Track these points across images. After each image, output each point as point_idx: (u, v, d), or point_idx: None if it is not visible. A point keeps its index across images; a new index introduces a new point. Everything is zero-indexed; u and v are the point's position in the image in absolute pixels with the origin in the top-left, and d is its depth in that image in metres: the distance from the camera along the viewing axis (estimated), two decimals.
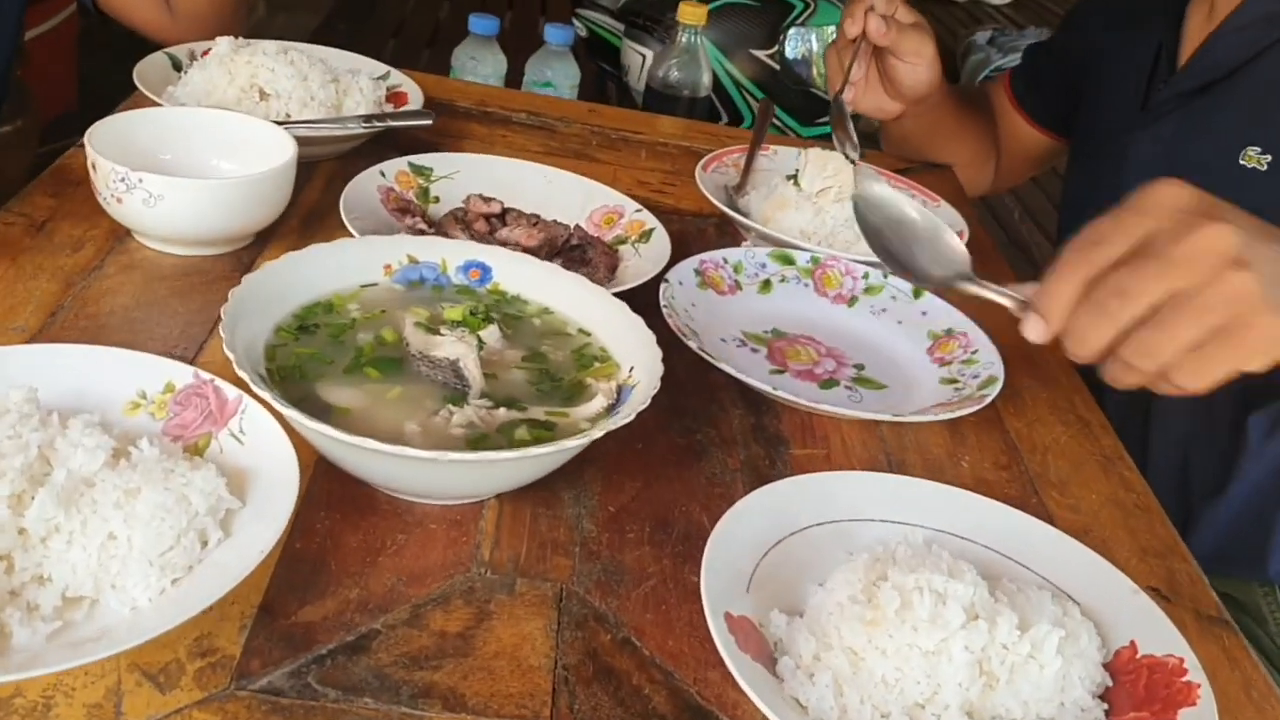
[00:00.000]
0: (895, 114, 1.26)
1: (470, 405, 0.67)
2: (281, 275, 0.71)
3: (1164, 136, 1.10)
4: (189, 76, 1.05)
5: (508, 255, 0.79)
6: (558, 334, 0.76)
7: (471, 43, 1.52)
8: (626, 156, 1.23)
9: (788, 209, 1.03)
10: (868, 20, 1.14)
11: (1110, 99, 1.21)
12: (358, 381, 0.68)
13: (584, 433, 0.62)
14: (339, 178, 1.04)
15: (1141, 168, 1.12)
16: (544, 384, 0.71)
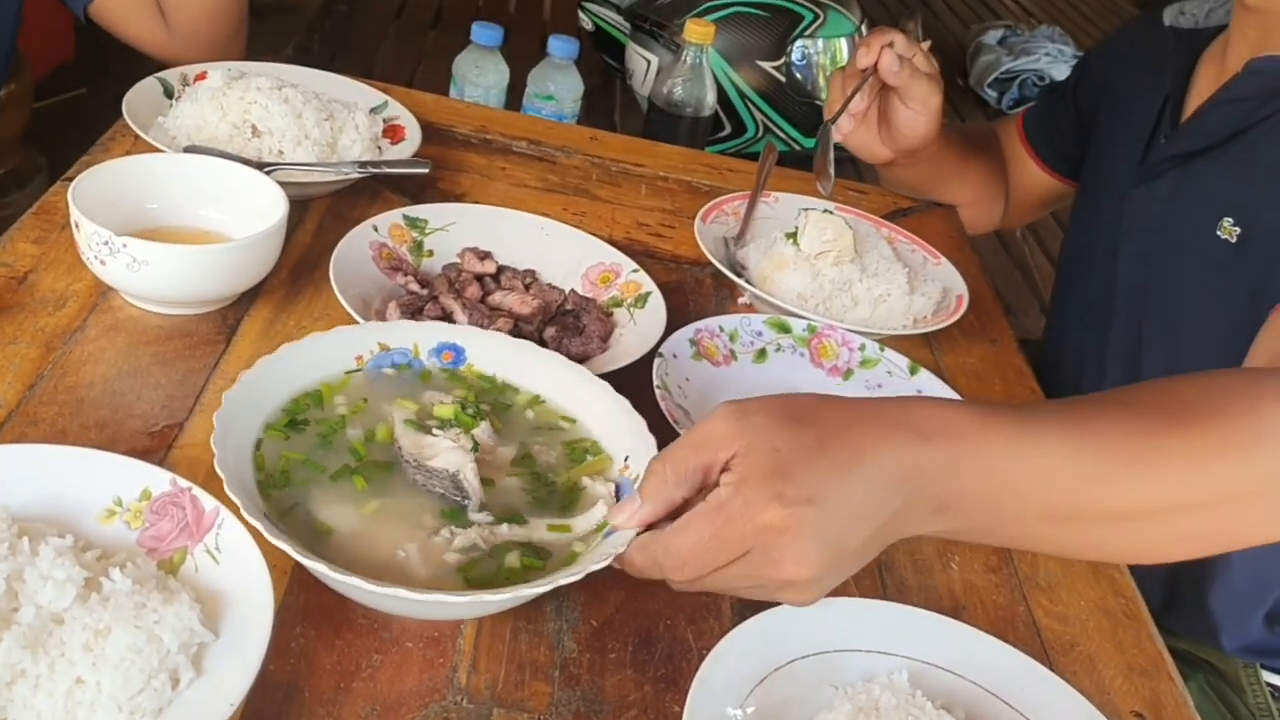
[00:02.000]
0: (884, 160, 1.22)
1: (474, 525, 0.65)
2: (265, 373, 0.69)
3: (1161, 196, 1.08)
4: (179, 109, 1.03)
5: (480, 336, 0.78)
6: (549, 429, 0.75)
7: (474, 52, 1.49)
8: (626, 193, 1.21)
9: (786, 270, 1.02)
10: (883, 56, 1.12)
11: (1116, 150, 1.19)
12: (349, 493, 0.66)
13: (577, 562, 0.61)
14: (331, 216, 1.02)
15: (1137, 225, 1.10)
16: (539, 490, 0.70)
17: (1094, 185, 1.26)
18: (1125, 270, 1.12)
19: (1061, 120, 1.35)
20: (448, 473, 0.66)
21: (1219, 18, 1.13)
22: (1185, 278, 1.05)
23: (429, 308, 0.86)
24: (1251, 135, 1.00)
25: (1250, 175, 0.99)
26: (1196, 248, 1.02)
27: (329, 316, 0.89)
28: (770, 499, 0.56)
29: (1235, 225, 0.99)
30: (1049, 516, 0.62)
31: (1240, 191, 1.00)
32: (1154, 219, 1.09)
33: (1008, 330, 1.12)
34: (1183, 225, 1.05)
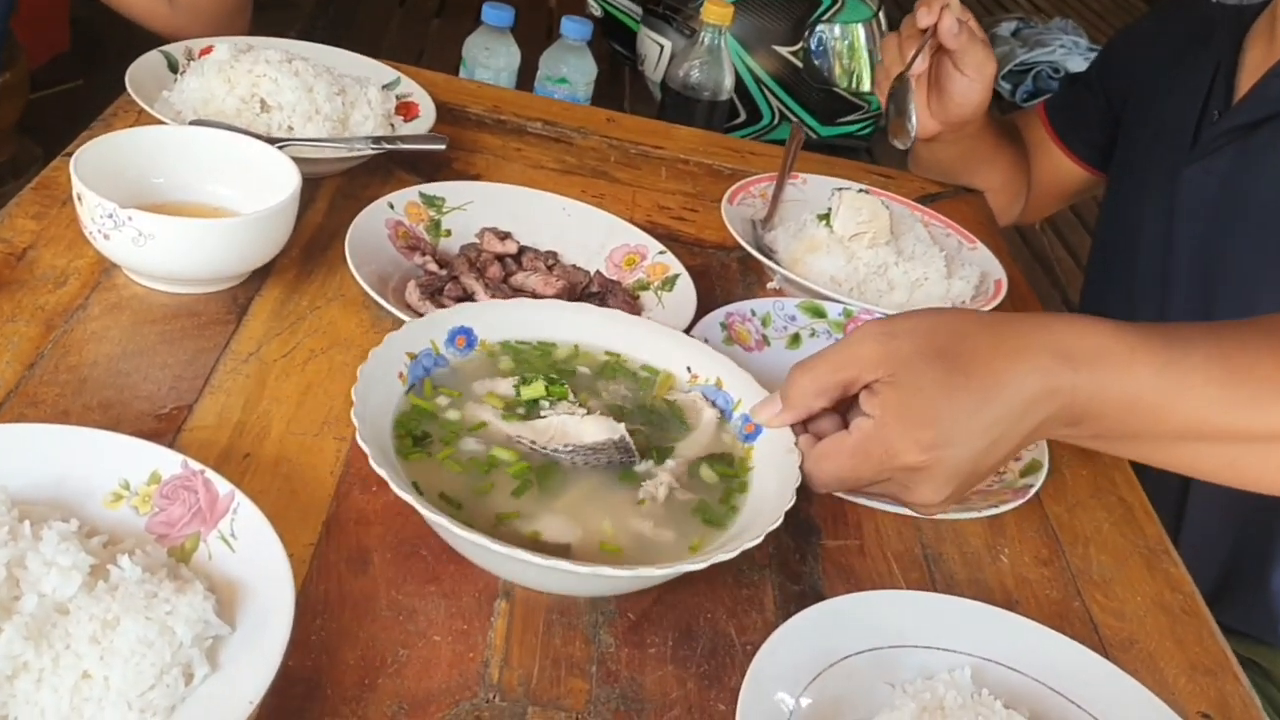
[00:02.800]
0: (931, 134, 1.20)
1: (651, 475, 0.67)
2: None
3: (1218, 171, 1.05)
4: (185, 83, 0.98)
5: (482, 309, 0.75)
6: (602, 371, 0.75)
7: (484, 33, 1.45)
8: (646, 175, 1.17)
9: (818, 252, 0.98)
10: (943, 16, 1.08)
11: (1157, 133, 1.16)
12: (543, 504, 0.65)
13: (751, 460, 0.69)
14: (343, 195, 0.98)
15: (1195, 203, 1.08)
16: (650, 420, 0.72)
17: (1134, 169, 1.22)
18: (1185, 249, 1.09)
19: (1088, 108, 1.31)
20: (611, 441, 0.66)
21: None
22: (1256, 250, 1.02)
23: (449, 288, 0.82)
24: None
25: None
26: (1269, 217, 1.00)
27: (344, 296, 0.85)
28: (911, 443, 0.61)
29: None
30: (1189, 436, 0.65)
31: None
32: (1214, 195, 1.06)
33: (1037, 305, 1.08)
34: (1250, 197, 1.02)
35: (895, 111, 1.07)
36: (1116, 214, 1.25)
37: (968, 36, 1.08)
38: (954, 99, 1.13)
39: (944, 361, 0.62)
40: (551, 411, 0.69)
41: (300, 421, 0.73)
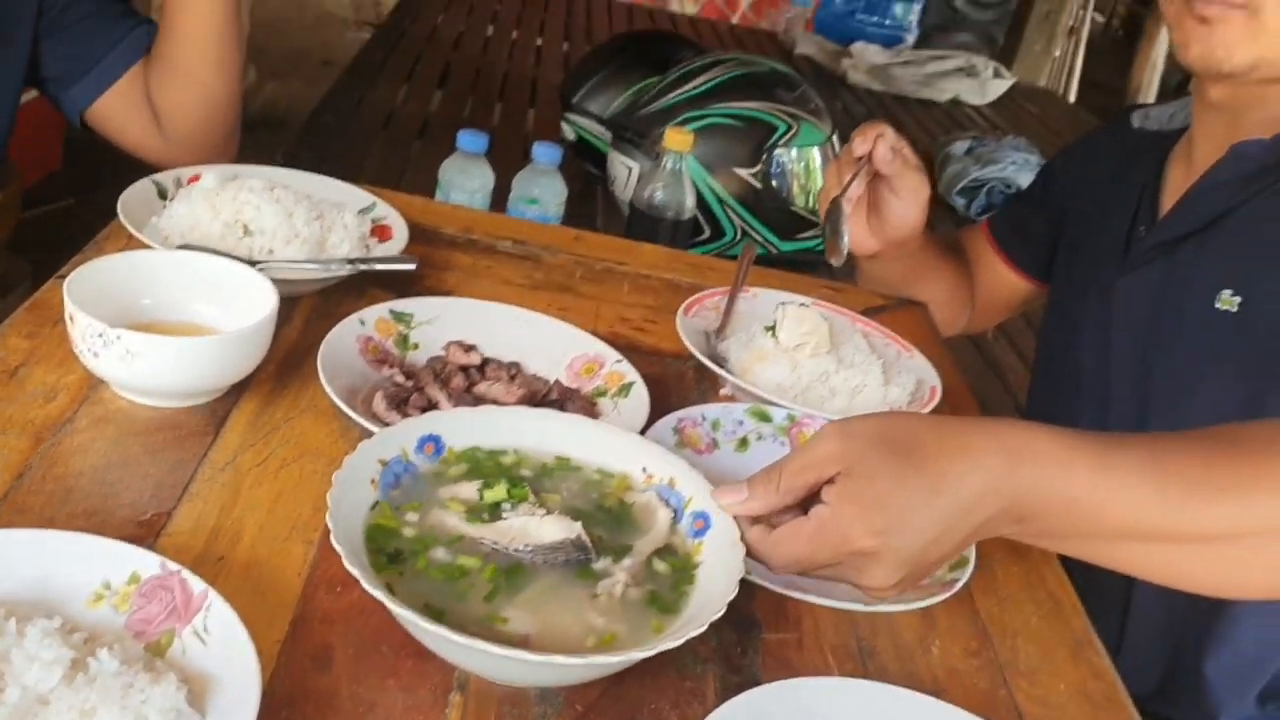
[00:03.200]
0: (871, 251, 1.28)
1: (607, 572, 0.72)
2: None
3: (1149, 281, 1.13)
4: (173, 209, 1.05)
5: (450, 417, 0.80)
6: (557, 473, 0.80)
7: (460, 158, 1.53)
8: (610, 290, 1.24)
9: (765, 361, 1.04)
10: (877, 145, 1.17)
11: (1093, 246, 1.24)
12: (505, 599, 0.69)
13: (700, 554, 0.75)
14: (319, 313, 1.04)
15: (1128, 313, 1.15)
16: (605, 521, 0.77)
17: (1072, 281, 1.30)
18: (1120, 358, 1.16)
19: (1029, 223, 1.40)
20: (569, 540, 0.71)
21: (1180, 120, 1.21)
22: (1188, 353, 1.09)
23: (414, 398, 0.88)
24: (1240, 213, 1.05)
25: (1244, 249, 1.05)
26: (1197, 323, 1.07)
27: (316, 408, 0.90)
28: (864, 528, 0.66)
29: (1235, 295, 1.03)
30: (1128, 536, 0.70)
31: (1235, 265, 1.05)
32: (1146, 304, 1.13)
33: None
34: (1178, 305, 1.10)
35: (830, 231, 1.15)
36: (1057, 324, 1.32)
37: (901, 163, 1.17)
38: (891, 220, 1.21)
39: (896, 456, 0.67)
40: (513, 513, 0.74)
41: (271, 526, 0.77)
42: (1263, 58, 1.02)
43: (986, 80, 3.46)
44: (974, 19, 6.19)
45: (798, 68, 3.56)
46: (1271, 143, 1.03)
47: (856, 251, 1.28)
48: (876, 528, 0.66)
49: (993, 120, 3.36)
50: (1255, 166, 1.04)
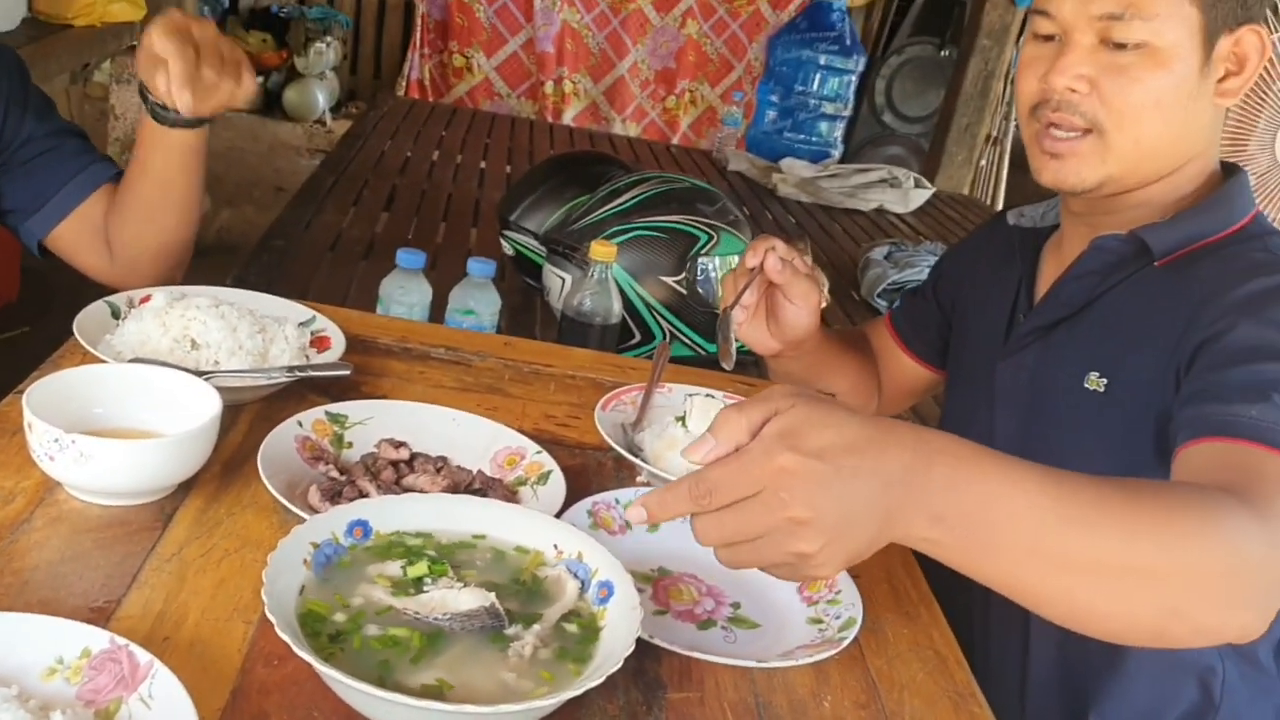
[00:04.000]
0: (774, 351, 1.38)
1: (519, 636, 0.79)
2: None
3: (1027, 364, 1.24)
4: (125, 328, 1.14)
5: (377, 504, 0.89)
6: (474, 550, 0.88)
7: (399, 274, 1.63)
8: (537, 390, 1.33)
9: (676, 449, 1.13)
10: (767, 257, 1.28)
11: (979, 333, 1.36)
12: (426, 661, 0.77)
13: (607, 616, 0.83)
14: (262, 419, 1.12)
15: (1009, 395, 1.25)
16: (518, 593, 0.84)
17: (962, 366, 1.41)
18: (1003, 435, 1.26)
19: (925, 315, 1.52)
20: (483, 608, 0.79)
21: (1052, 219, 1.33)
22: (1062, 430, 1.19)
23: (347, 490, 0.96)
24: (1103, 300, 1.16)
25: (1107, 333, 1.15)
26: (1069, 401, 1.17)
27: (257, 503, 0.98)
28: (785, 447, 0.68)
29: (1101, 377, 1.13)
30: (1031, 550, 0.73)
31: (1101, 348, 1.15)
32: (1024, 385, 1.23)
33: None
34: (1053, 385, 1.19)
35: (721, 339, 1.25)
36: (952, 406, 1.43)
37: (791, 273, 1.28)
38: (786, 323, 1.32)
39: (836, 412, 0.72)
40: (433, 587, 0.82)
41: (214, 609, 0.84)
42: (1111, 176, 1.12)
43: (909, 190, 3.66)
44: (902, 132, 6.51)
45: (731, 183, 3.76)
46: (1127, 236, 1.15)
47: (760, 352, 1.39)
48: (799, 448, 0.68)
49: (915, 227, 3.53)
50: (1114, 257, 1.16)
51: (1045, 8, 1.11)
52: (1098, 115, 1.10)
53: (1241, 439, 0.90)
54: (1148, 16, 1.06)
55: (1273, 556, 0.80)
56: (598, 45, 6.51)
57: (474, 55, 6.43)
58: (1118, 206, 1.17)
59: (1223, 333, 1.01)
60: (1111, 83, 1.08)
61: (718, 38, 6.54)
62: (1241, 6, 1.08)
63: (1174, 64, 1.07)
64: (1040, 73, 1.13)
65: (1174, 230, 1.12)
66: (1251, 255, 1.09)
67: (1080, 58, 1.09)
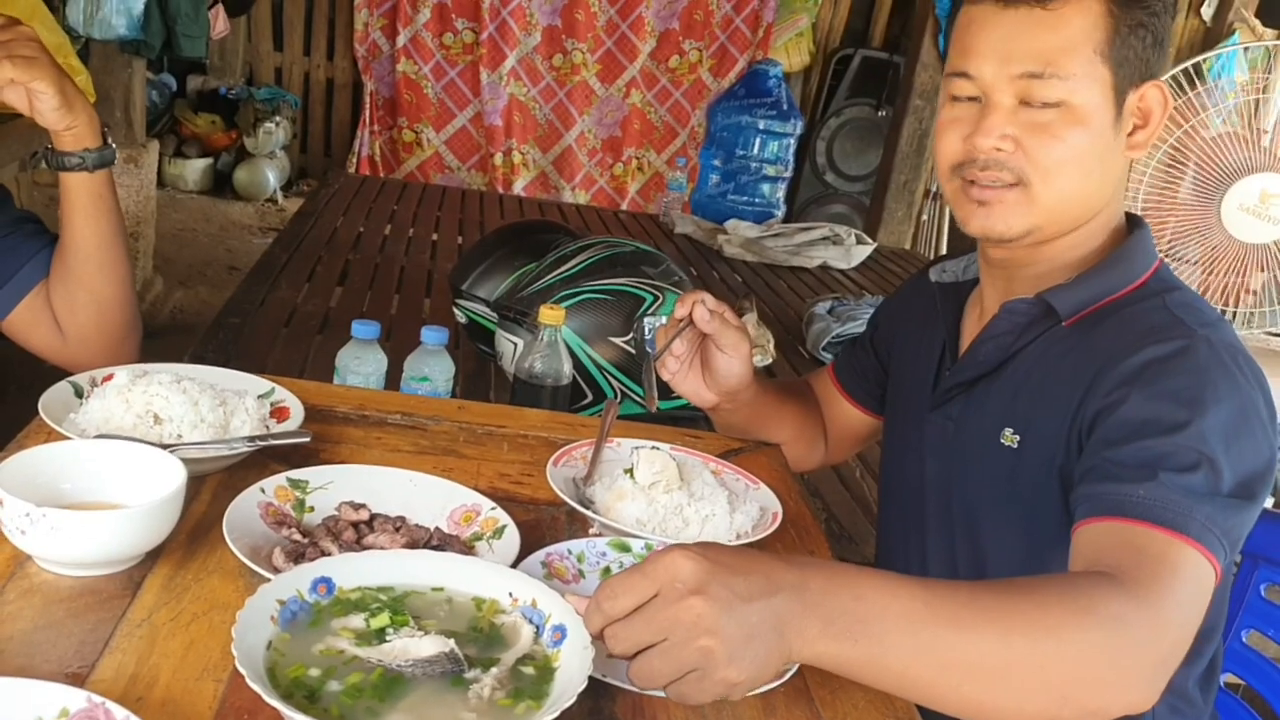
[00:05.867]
0: (711, 403, 1.45)
1: (478, 679, 0.83)
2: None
3: (952, 416, 1.30)
4: (88, 406, 1.18)
5: (340, 561, 0.93)
6: (435, 603, 0.93)
7: (354, 345, 1.68)
8: (490, 450, 1.38)
9: (625, 500, 1.19)
10: (696, 308, 1.35)
11: (910, 385, 1.42)
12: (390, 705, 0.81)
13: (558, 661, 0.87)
14: (226, 488, 1.16)
15: (936, 445, 1.32)
16: (477, 640, 0.89)
17: (895, 415, 1.48)
18: (931, 484, 1.33)
19: (864, 364, 1.58)
20: (443, 654, 0.83)
21: (973, 272, 1.38)
22: (982, 484, 1.25)
23: (310, 551, 1.00)
24: (1016, 360, 1.22)
25: (1019, 391, 1.21)
26: (986, 456, 1.23)
27: (223, 568, 1.02)
28: (685, 556, 0.79)
29: (1015, 434, 1.19)
30: (915, 651, 0.81)
31: (1014, 405, 1.20)
32: (949, 437, 1.29)
33: (824, 545, 1.29)
34: (972, 439, 1.25)
35: (645, 385, 1.32)
36: (889, 456, 1.50)
37: (720, 323, 1.35)
38: (720, 373, 1.39)
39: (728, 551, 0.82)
40: (396, 636, 0.87)
41: (184, 670, 0.88)
42: (1036, 225, 1.17)
43: (850, 247, 3.77)
44: (844, 191, 6.70)
45: (678, 246, 3.85)
46: (1034, 299, 1.20)
47: (698, 404, 1.45)
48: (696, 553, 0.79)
49: (858, 282, 3.64)
50: (1024, 319, 1.22)
51: (965, 70, 1.16)
52: (1024, 170, 1.14)
53: (1131, 519, 0.97)
54: (1065, 76, 1.11)
55: (1155, 635, 0.88)
56: (545, 117, 6.66)
57: (423, 130, 6.55)
58: (1034, 259, 1.22)
59: (1116, 404, 1.06)
60: (1035, 140, 1.13)
61: (661, 106, 6.72)
62: (1144, 65, 1.15)
63: (1091, 120, 1.13)
64: (963, 133, 1.17)
65: (1078, 291, 1.17)
66: (1150, 317, 1.13)
67: (1004, 118, 1.14)
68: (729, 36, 6.55)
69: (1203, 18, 7.01)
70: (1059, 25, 1.11)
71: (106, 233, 1.36)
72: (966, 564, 1.29)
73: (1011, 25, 1.12)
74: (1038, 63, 1.11)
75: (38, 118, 1.28)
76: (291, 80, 6.77)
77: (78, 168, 1.31)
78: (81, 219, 1.34)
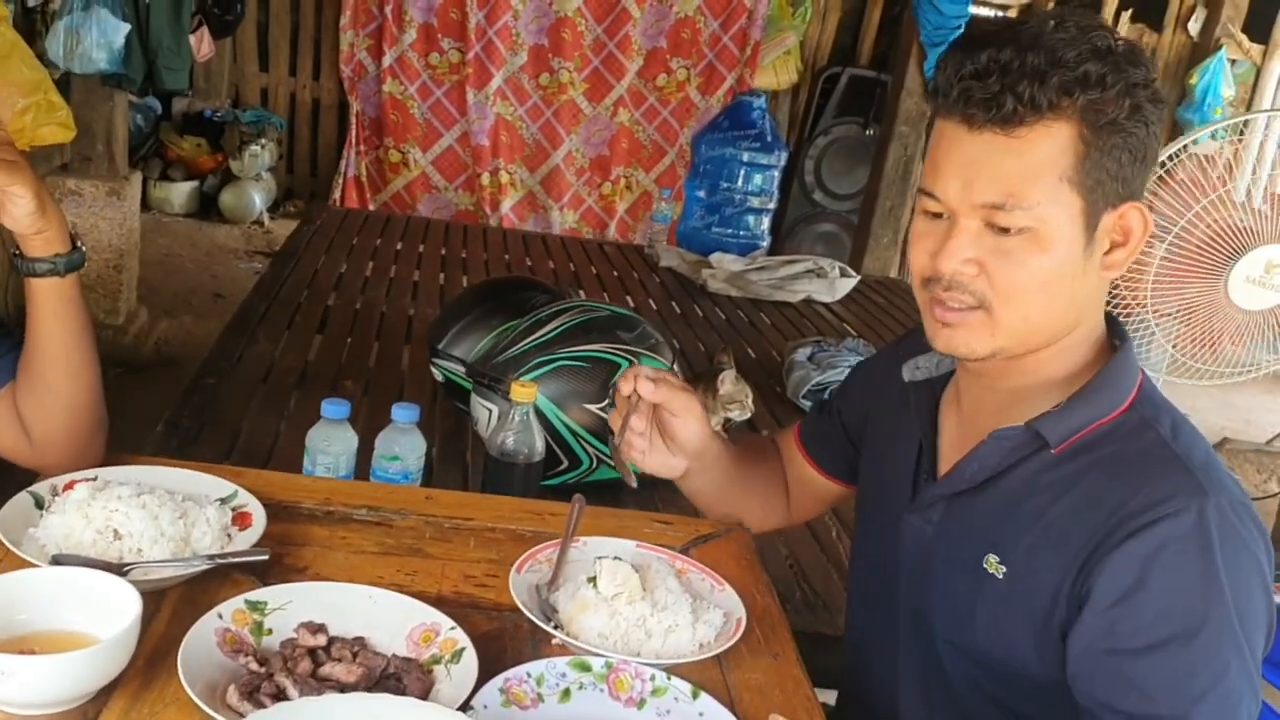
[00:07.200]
0: (680, 470, 1.44)
1: None
2: None
3: (932, 520, 1.25)
4: (48, 520, 1.17)
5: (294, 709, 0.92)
6: None
7: (324, 425, 1.68)
8: (456, 547, 1.38)
9: (588, 611, 1.18)
10: (639, 382, 1.35)
11: (885, 479, 1.36)
12: None
13: None
14: (185, 602, 1.16)
15: (911, 549, 1.27)
16: None
17: (871, 504, 1.42)
18: (906, 587, 1.28)
19: (830, 434, 1.54)
20: None
21: (948, 365, 1.32)
22: (958, 601, 1.20)
23: (265, 685, 1.00)
24: (1003, 481, 1.17)
25: (1006, 516, 1.16)
26: (967, 576, 1.18)
27: (179, 701, 1.01)
28: None
29: (1001, 563, 1.15)
30: None
31: (999, 530, 1.16)
32: (926, 543, 1.25)
33: (790, 644, 1.28)
34: (952, 554, 1.21)
35: (618, 465, 1.34)
36: (860, 550, 1.46)
37: (666, 389, 1.35)
38: (679, 436, 1.40)
39: None
40: None
41: None
42: (1001, 347, 1.14)
43: (834, 280, 3.77)
44: (833, 210, 6.71)
45: (663, 280, 3.86)
46: (1025, 429, 1.15)
47: (668, 476, 1.45)
48: None
49: (841, 316, 3.65)
50: (1011, 444, 1.16)
51: (932, 190, 1.13)
52: (985, 294, 1.11)
53: None
54: (1028, 205, 1.07)
55: None
56: (532, 136, 6.66)
57: (410, 150, 6.54)
58: (1010, 372, 1.19)
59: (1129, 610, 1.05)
60: (998, 266, 1.10)
61: (649, 124, 6.72)
62: (1123, 185, 1.10)
63: (1056, 246, 1.09)
64: (930, 250, 1.14)
65: (1067, 420, 1.14)
66: (1147, 453, 1.11)
67: (966, 242, 1.10)
68: (717, 55, 6.56)
69: (1189, 33, 7.04)
70: (1024, 151, 1.07)
71: (76, 335, 1.35)
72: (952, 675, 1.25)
73: (976, 150, 1.09)
74: (999, 193, 1.08)
75: (8, 221, 1.27)
76: (277, 101, 6.76)
77: (49, 273, 1.30)
78: (51, 323, 1.33)
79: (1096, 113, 1.06)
